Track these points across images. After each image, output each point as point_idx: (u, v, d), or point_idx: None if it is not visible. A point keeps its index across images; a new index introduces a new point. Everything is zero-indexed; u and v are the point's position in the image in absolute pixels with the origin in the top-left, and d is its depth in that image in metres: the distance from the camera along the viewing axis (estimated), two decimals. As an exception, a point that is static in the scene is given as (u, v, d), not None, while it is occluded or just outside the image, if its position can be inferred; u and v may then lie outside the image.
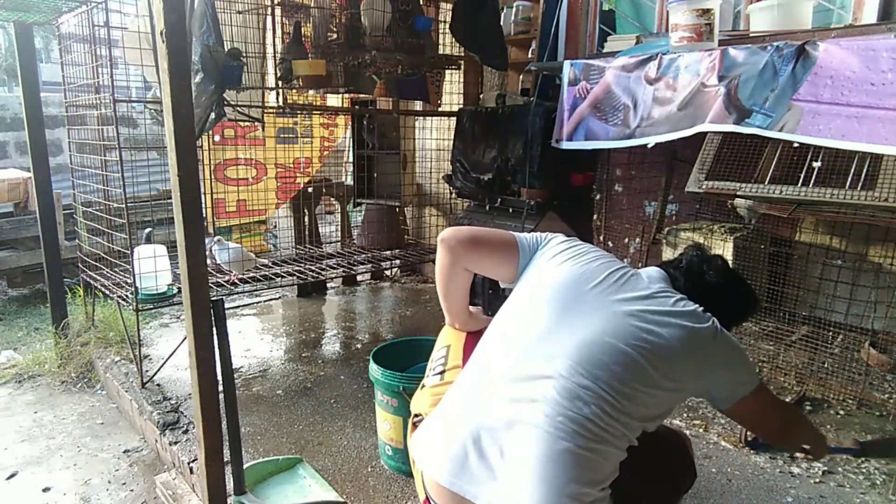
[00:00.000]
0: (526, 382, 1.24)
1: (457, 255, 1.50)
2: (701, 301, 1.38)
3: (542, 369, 1.23)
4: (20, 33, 3.26)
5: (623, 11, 3.71)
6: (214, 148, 4.02)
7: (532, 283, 1.42)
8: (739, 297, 1.52)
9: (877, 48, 1.91)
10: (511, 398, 1.24)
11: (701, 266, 1.48)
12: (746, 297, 1.53)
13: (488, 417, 1.24)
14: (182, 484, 2.36)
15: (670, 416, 2.58)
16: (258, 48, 3.21)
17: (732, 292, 1.49)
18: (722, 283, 1.47)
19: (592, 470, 1.17)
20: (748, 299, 1.54)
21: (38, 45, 10.55)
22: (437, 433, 1.33)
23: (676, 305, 1.32)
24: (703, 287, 1.45)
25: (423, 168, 4.60)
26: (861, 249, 2.62)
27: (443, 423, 1.34)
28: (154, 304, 3.01)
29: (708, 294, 1.43)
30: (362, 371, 3.09)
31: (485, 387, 1.30)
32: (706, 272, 1.47)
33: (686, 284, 1.45)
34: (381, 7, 3.23)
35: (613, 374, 1.20)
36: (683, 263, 1.50)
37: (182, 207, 1.60)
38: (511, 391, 1.25)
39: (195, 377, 1.70)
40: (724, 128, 2.26)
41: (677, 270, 1.48)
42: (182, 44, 1.54)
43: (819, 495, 2.06)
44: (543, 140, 3.05)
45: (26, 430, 2.91)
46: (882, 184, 2.20)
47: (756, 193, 2.44)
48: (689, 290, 1.42)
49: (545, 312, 1.32)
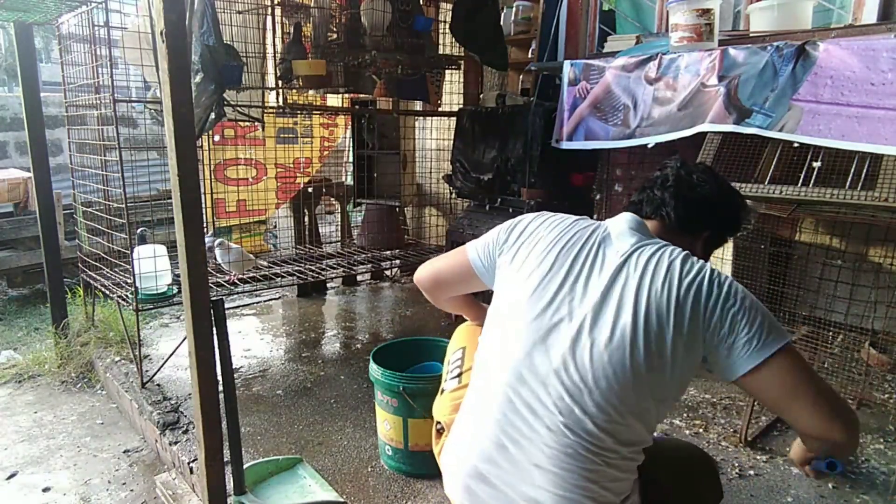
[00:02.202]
0: (522, 404, 1.19)
1: (431, 294, 1.59)
2: (697, 218, 1.30)
3: (536, 392, 1.17)
4: (20, 33, 3.26)
5: (623, 11, 3.72)
6: (214, 148, 4.02)
7: (506, 297, 1.30)
8: (733, 200, 1.38)
9: (877, 48, 1.91)
10: (509, 414, 1.20)
11: (690, 177, 1.34)
12: (738, 199, 1.39)
13: (487, 440, 1.21)
14: (182, 484, 2.36)
15: (670, 416, 2.58)
16: (258, 48, 3.22)
17: (727, 196, 1.36)
18: (716, 190, 1.34)
19: (604, 478, 1.15)
20: (740, 200, 1.40)
21: (38, 45, 10.56)
22: (451, 457, 1.31)
23: (654, 261, 1.17)
24: (700, 201, 1.32)
25: (423, 168, 4.60)
26: (861, 249, 2.62)
27: (453, 449, 1.32)
28: (154, 304, 3.01)
29: (705, 207, 1.32)
30: (362, 371, 3.09)
31: (487, 401, 1.25)
32: (698, 184, 1.33)
33: (678, 207, 1.31)
34: (381, 7, 3.23)
35: (608, 389, 1.12)
36: (671, 182, 1.34)
37: (182, 207, 1.59)
38: (510, 410, 1.20)
39: (195, 377, 1.70)
40: (724, 128, 2.26)
41: (664, 191, 1.33)
42: (182, 44, 1.54)
43: (819, 495, 2.06)
44: (543, 140, 3.06)
45: (26, 430, 2.91)
46: (882, 184, 2.20)
47: (756, 193, 2.44)
48: (681, 212, 1.30)
49: (523, 335, 1.22)
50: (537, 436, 1.15)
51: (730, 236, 1.44)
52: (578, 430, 1.12)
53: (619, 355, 1.12)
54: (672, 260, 1.17)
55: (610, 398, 1.12)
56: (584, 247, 1.24)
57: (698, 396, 2.75)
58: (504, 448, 1.19)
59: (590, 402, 1.12)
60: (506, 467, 1.19)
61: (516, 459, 1.17)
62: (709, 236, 1.36)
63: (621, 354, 1.12)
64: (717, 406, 2.69)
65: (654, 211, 1.34)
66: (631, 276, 1.17)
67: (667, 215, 1.31)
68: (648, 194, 1.36)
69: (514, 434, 1.18)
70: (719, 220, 1.36)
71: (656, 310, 1.12)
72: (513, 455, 1.18)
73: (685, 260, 1.18)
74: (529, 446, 1.16)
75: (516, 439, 1.18)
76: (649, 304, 1.13)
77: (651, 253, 1.19)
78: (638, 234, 1.25)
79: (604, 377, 1.12)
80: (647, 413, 1.16)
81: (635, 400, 1.13)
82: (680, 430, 2.48)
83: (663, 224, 1.32)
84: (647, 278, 1.15)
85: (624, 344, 1.12)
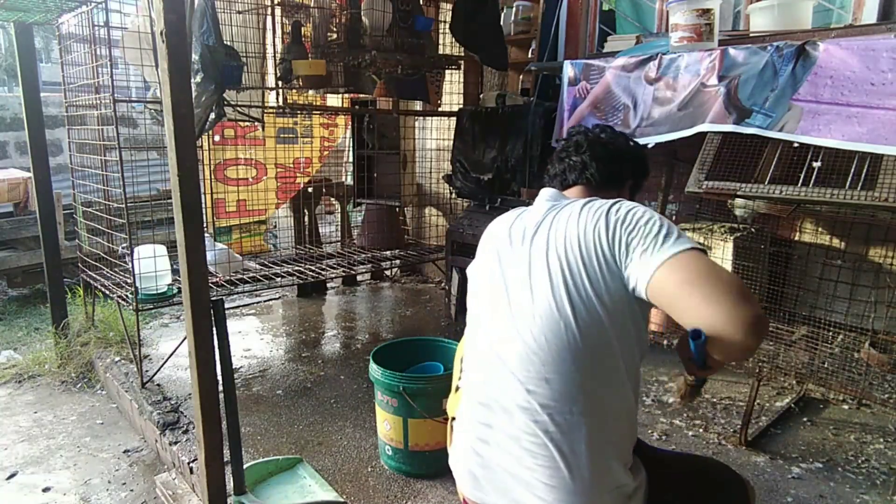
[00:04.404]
0: (493, 401, 1.20)
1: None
2: (618, 170, 1.37)
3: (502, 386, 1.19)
4: (20, 33, 3.26)
5: (623, 11, 3.72)
6: (214, 148, 4.02)
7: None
8: (637, 148, 1.47)
9: (877, 48, 1.91)
10: (487, 404, 1.22)
11: (599, 137, 1.42)
12: (639, 147, 1.48)
13: (478, 425, 1.23)
14: (182, 484, 2.36)
15: (670, 417, 2.58)
16: (258, 48, 3.22)
17: (633, 147, 1.45)
18: (624, 142, 1.43)
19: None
20: (639, 148, 1.48)
21: (38, 45, 10.56)
22: (458, 446, 1.32)
23: (561, 216, 1.20)
24: (615, 155, 1.39)
25: (423, 168, 4.60)
26: (861, 249, 2.62)
27: (458, 436, 1.33)
28: (154, 304, 3.02)
29: (621, 159, 1.39)
30: (362, 371, 3.09)
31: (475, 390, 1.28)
32: (608, 140, 1.41)
33: (598, 166, 1.36)
34: (382, 7, 3.23)
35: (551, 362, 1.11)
36: (585, 147, 1.40)
37: (182, 207, 1.60)
38: (485, 408, 1.22)
39: (195, 377, 1.70)
40: (724, 128, 2.26)
41: (581, 155, 1.38)
42: (182, 44, 1.54)
43: (819, 495, 2.06)
44: (543, 140, 3.06)
45: (26, 430, 2.91)
46: (882, 184, 2.20)
47: (756, 193, 2.44)
48: (602, 169, 1.36)
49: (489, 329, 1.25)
50: (509, 417, 1.16)
51: (645, 179, 1.49)
52: (544, 401, 1.12)
53: (547, 312, 1.12)
54: (573, 208, 1.20)
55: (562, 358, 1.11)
56: (510, 233, 1.29)
57: (698, 396, 2.75)
58: (489, 426, 1.20)
59: (544, 370, 1.12)
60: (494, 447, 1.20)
61: (498, 440, 1.19)
62: (632, 184, 1.44)
63: (549, 310, 1.12)
64: (717, 406, 2.69)
65: (578, 175, 1.39)
66: (542, 235, 1.20)
67: (591, 176, 1.37)
68: (568, 163, 1.41)
69: (492, 420, 1.20)
70: (634, 166, 1.43)
71: (564, 256, 1.14)
72: (497, 433, 1.19)
73: (587, 203, 1.20)
74: (507, 424, 1.17)
75: (493, 424, 1.20)
76: (557, 252, 1.15)
77: (557, 211, 1.23)
78: (550, 203, 1.28)
79: (542, 336, 1.12)
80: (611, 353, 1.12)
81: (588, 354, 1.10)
82: (680, 431, 2.49)
83: (589, 185, 1.38)
84: (554, 231, 1.19)
85: (548, 301, 1.12)
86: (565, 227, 1.17)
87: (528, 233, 1.24)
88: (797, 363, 2.73)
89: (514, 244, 1.25)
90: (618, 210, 1.15)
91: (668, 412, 2.63)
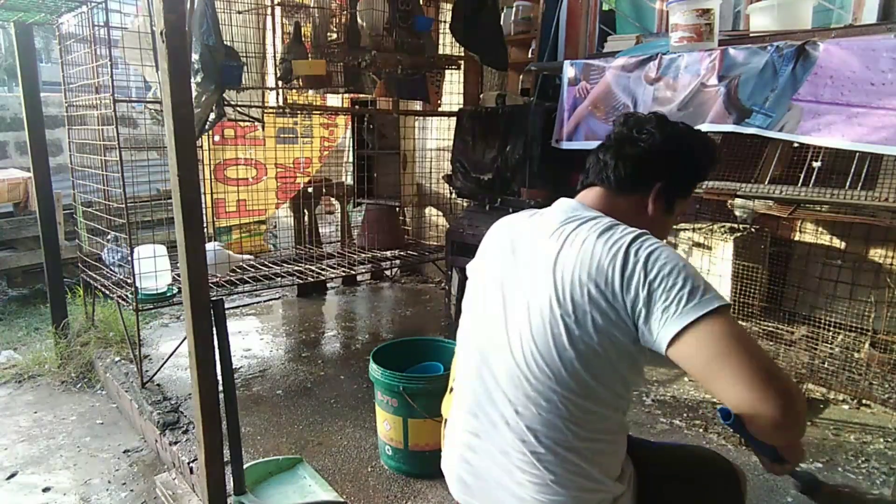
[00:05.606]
0: (482, 412, 1.20)
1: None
2: (640, 173, 1.21)
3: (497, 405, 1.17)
4: (20, 33, 3.26)
5: (623, 11, 3.72)
6: (214, 148, 4.02)
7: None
8: (685, 142, 1.26)
9: (877, 48, 1.91)
10: (475, 413, 1.21)
11: (632, 133, 1.24)
12: (693, 140, 1.27)
13: (465, 432, 1.23)
14: (182, 484, 2.36)
15: (670, 416, 2.58)
16: (258, 48, 3.22)
17: (675, 141, 1.24)
18: (660, 139, 1.23)
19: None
20: (695, 141, 1.27)
21: (38, 45, 10.56)
22: (447, 451, 1.33)
23: (574, 238, 1.11)
24: (640, 156, 1.22)
25: (423, 168, 4.60)
26: (861, 249, 2.62)
27: (448, 441, 1.33)
28: (154, 304, 3.02)
29: (648, 161, 1.21)
30: (362, 371, 3.09)
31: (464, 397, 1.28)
32: (638, 138, 1.23)
33: (618, 167, 1.22)
34: (381, 7, 3.23)
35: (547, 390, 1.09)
36: (612, 142, 1.26)
37: (182, 207, 1.60)
38: (474, 415, 1.22)
39: (195, 377, 1.70)
40: (724, 128, 2.26)
41: (606, 153, 1.25)
42: (182, 44, 1.54)
43: (819, 495, 2.06)
44: (543, 140, 3.05)
45: (26, 430, 2.91)
46: (882, 184, 2.20)
47: (756, 193, 2.44)
48: (621, 172, 1.21)
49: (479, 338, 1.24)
50: (496, 430, 1.16)
51: (694, 179, 1.29)
52: (530, 424, 1.11)
53: (542, 340, 1.08)
54: (590, 234, 1.10)
55: (546, 380, 1.08)
56: (517, 241, 1.22)
57: (698, 396, 2.75)
58: (477, 436, 1.20)
59: (530, 389, 1.10)
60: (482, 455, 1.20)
61: (486, 449, 1.19)
62: (663, 186, 1.23)
63: (544, 337, 1.08)
64: (717, 406, 2.69)
65: (595, 176, 1.26)
66: (551, 255, 1.12)
67: (607, 178, 1.23)
68: (593, 159, 1.28)
69: (480, 430, 1.19)
70: (670, 166, 1.23)
71: (570, 287, 1.06)
72: (484, 444, 1.20)
73: (606, 231, 1.10)
74: (495, 437, 1.17)
75: (483, 432, 1.19)
76: (563, 281, 1.08)
77: (572, 230, 1.13)
78: (566, 214, 1.19)
79: (534, 362, 1.09)
80: (596, 394, 1.09)
81: (574, 381, 1.07)
82: (680, 431, 2.48)
83: (606, 188, 1.24)
84: (564, 256, 1.10)
85: (545, 328, 1.08)
86: (577, 256, 1.08)
87: (538, 246, 1.16)
88: (797, 363, 2.73)
89: (519, 254, 1.19)
90: (637, 251, 1.04)
91: (667, 412, 2.63)
